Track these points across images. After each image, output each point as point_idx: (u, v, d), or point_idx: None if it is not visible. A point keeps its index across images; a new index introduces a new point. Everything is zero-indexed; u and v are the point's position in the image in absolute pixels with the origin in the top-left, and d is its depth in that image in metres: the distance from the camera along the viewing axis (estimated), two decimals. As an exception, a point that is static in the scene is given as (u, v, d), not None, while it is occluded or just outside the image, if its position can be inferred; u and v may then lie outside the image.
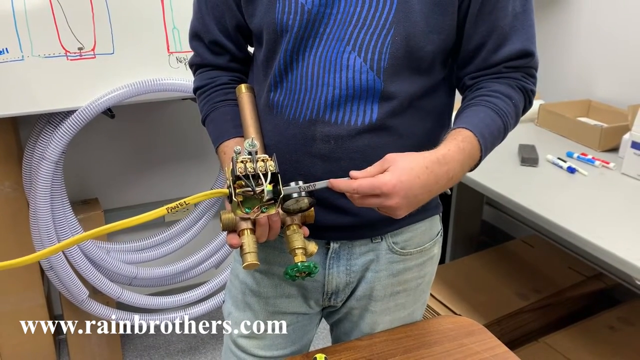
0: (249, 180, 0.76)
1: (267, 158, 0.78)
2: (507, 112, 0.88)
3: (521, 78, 0.91)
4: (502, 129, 0.88)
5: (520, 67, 0.90)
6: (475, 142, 0.83)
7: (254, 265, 0.79)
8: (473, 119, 0.86)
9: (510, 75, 0.90)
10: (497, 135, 0.87)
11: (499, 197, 1.56)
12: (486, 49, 0.88)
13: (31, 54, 1.49)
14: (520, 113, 0.92)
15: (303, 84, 0.87)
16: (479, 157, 0.84)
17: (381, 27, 0.83)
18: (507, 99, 0.88)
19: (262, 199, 0.77)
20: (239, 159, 0.77)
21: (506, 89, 0.89)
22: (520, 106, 0.91)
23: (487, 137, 0.85)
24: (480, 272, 2.03)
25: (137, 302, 1.89)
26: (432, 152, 0.80)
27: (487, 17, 0.86)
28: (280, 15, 0.86)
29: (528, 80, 0.92)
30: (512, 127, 0.91)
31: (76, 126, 1.58)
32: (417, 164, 0.77)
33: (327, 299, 1.00)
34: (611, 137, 1.80)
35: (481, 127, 0.84)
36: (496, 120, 0.87)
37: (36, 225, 1.66)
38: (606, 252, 1.28)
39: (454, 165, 0.80)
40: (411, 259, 1.00)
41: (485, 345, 1.02)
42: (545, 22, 2.24)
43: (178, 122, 2.09)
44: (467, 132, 0.83)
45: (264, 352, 1.03)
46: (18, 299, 1.83)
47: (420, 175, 0.76)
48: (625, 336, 1.75)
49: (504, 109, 0.87)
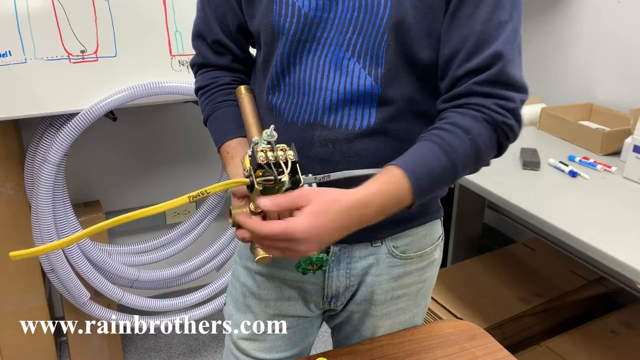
0: (271, 169, 0.76)
1: (285, 147, 0.78)
2: (457, 149, 0.79)
3: (492, 107, 0.80)
4: (448, 167, 0.79)
5: (492, 95, 0.80)
6: (404, 183, 0.76)
7: (266, 258, 0.78)
8: (411, 156, 0.79)
9: (479, 103, 0.80)
10: (440, 174, 0.78)
11: (500, 201, 1.56)
12: (459, 56, 0.81)
13: (34, 57, 1.49)
14: (486, 149, 0.81)
15: (301, 88, 0.87)
16: (410, 198, 0.77)
17: (376, 33, 0.83)
18: (462, 134, 0.79)
19: (281, 187, 0.77)
20: (259, 148, 0.77)
21: (466, 122, 0.80)
22: (483, 141, 0.80)
23: (422, 177, 0.77)
24: (482, 275, 2.03)
25: (139, 304, 1.89)
26: (350, 192, 0.74)
27: (465, 22, 0.81)
28: (277, 18, 0.86)
29: (500, 110, 0.80)
30: (471, 165, 0.82)
31: (78, 129, 1.58)
32: (333, 207, 0.72)
33: (327, 302, 1.00)
34: (613, 141, 1.80)
35: (415, 166, 0.77)
36: (440, 159, 0.78)
37: (38, 227, 1.66)
38: (608, 256, 1.28)
39: (370, 210, 0.74)
40: (411, 263, 0.99)
41: (487, 350, 1.02)
42: (547, 25, 2.24)
43: (180, 125, 2.10)
44: (397, 171, 0.76)
45: (264, 355, 1.03)
46: (19, 300, 1.83)
47: (334, 220, 0.72)
48: (627, 340, 1.75)
49: (454, 144, 0.78)
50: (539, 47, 2.29)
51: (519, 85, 0.82)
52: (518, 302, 1.88)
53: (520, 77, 0.82)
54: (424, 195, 0.79)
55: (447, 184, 0.82)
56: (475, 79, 0.80)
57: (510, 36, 0.81)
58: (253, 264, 1.01)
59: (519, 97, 0.82)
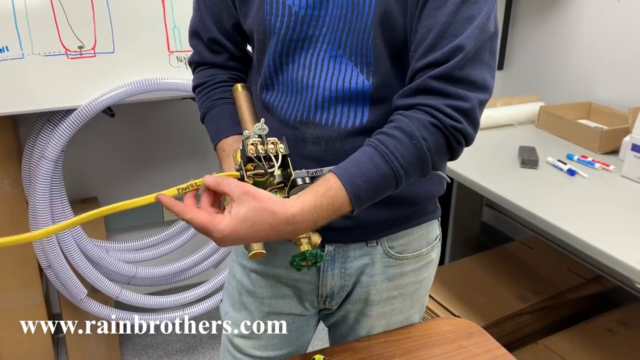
0: (261, 162, 0.75)
1: (276, 141, 0.78)
2: (398, 156, 0.76)
3: (444, 109, 0.76)
4: (390, 176, 0.76)
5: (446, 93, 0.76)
6: (342, 194, 0.75)
7: (260, 253, 0.78)
8: (351, 164, 0.77)
9: (430, 104, 0.77)
10: (379, 183, 0.76)
11: (498, 199, 1.56)
12: (422, 47, 0.78)
13: (31, 52, 1.49)
14: (432, 155, 0.78)
15: (294, 86, 0.87)
16: (349, 207, 0.76)
17: (363, 30, 0.82)
18: (406, 139, 0.76)
19: (272, 182, 0.77)
20: (249, 142, 0.76)
21: (412, 127, 0.76)
22: (429, 147, 0.77)
23: (361, 186, 0.75)
24: (480, 273, 2.03)
25: (136, 301, 1.89)
26: (288, 206, 0.72)
27: (432, 12, 0.78)
28: (268, 17, 0.86)
29: (451, 113, 0.76)
30: (417, 170, 0.79)
31: (76, 125, 1.58)
32: (263, 219, 0.71)
33: (322, 302, 1.00)
34: (611, 140, 1.80)
35: (353, 175, 0.75)
36: (379, 167, 0.76)
37: (35, 223, 1.66)
38: (606, 255, 1.28)
39: (303, 225, 0.73)
40: (408, 263, 0.99)
41: (484, 348, 1.02)
42: (547, 23, 2.24)
43: (178, 121, 2.09)
44: (335, 181, 0.75)
45: (259, 353, 1.02)
46: (16, 297, 1.83)
47: (260, 231, 0.72)
48: (624, 339, 1.75)
49: (395, 151, 0.76)
50: (538, 45, 2.29)
51: (478, 84, 0.78)
52: (516, 301, 1.88)
53: (481, 76, 0.78)
54: (364, 203, 0.77)
55: (390, 191, 0.79)
56: (431, 73, 0.77)
57: (476, 32, 0.76)
58: (248, 262, 1.01)
59: (475, 96, 0.77)
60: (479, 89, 0.78)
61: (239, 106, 0.94)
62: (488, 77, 0.79)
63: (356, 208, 0.77)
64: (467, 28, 0.76)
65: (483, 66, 0.78)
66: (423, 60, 0.78)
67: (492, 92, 0.80)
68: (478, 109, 0.78)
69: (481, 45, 0.78)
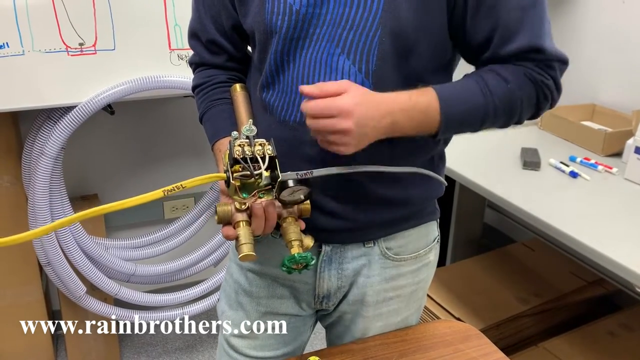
0: (247, 163, 0.75)
1: (264, 142, 0.77)
2: (494, 93, 0.83)
3: (533, 67, 0.84)
4: (481, 105, 0.83)
5: (533, 60, 0.84)
6: (435, 105, 0.81)
7: (250, 256, 0.78)
8: (447, 86, 0.84)
9: (522, 64, 0.84)
10: (471, 110, 0.83)
11: (500, 201, 1.55)
12: (493, 44, 0.83)
13: (32, 49, 1.48)
14: (522, 103, 0.85)
15: (293, 86, 0.86)
16: (437, 122, 0.81)
17: (369, 28, 0.82)
18: (501, 80, 0.83)
19: (260, 183, 0.76)
20: (237, 143, 0.76)
21: (507, 72, 0.84)
22: (520, 94, 0.84)
23: (454, 106, 0.82)
24: (481, 275, 2.02)
25: (135, 299, 1.89)
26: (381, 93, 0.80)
27: (489, 11, 0.82)
28: (269, 16, 0.85)
29: (541, 72, 0.84)
30: (504, 115, 0.86)
31: (76, 122, 1.58)
32: (373, 96, 0.78)
33: (319, 302, 0.99)
34: (615, 142, 1.79)
35: (449, 93, 0.82)
36: (475, 93, 0.83)
37: (34, 220, 1.66)
38: (607, 259, 1.27)
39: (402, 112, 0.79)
40: (405, 265, 0.98)
41: (482, 351, 1.01)
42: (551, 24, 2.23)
43: (178, 119, 2.09)
44: (432, 91, 0.81)
45: (256, 353, 1.02)
46: (16, 294, 1.83)
47: (378, 106, 0.78)
48: (625, 342, 1.74)
49: (492, 88, 0.83)
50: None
51: (557, 57, 0.86)
52: (516, 303, 1.87)
53: (555, 50, 0.85)
54: (451, 125, 0.83)
55: (475, 124, 0.85)
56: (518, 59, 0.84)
57: (537, 20, 0.83)
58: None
59: (558, 65, 0.86)
60: (559, 59, 0.86)
61: (237, 107, 0.94)
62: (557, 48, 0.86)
63: (443, 125, 0.82)
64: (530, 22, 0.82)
65: (550, 40, 0.85)
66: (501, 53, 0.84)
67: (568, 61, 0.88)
68: (560, 76, 0.88)
69: (546, 24, 0.85)
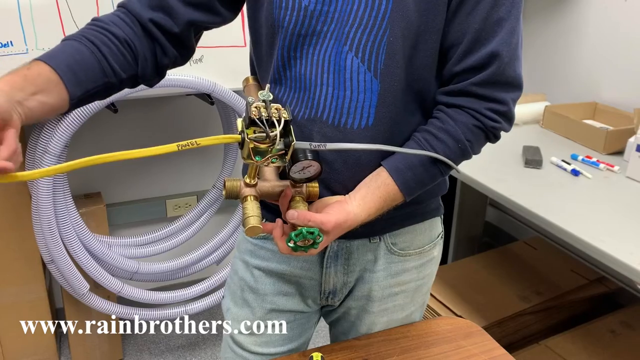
0: (263, 124, 0.75)
1: (280, 107, 0.77)
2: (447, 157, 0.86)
3: (486, 113, 0.85)
4: (437, 175, 0.88)
5: (487, 98, 0.84)
6: (399, 197, 0.86)
7: (256, 228, 0.77)
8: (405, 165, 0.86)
9: (473, 108, 0.85)
10: (427, 183, 0.89)
11: (502, 199, 1.55)
12: (458, 51, 0.84)
13: (35, 48, 1.49)
14: (473, 150, 0.89)
15: (301, 82, 0.87)
16: (401, 198, 0.87)
17: (377, 27, 0.82)
18: (454, 144, 0.86)
19: (274, 147, 0.76)
20: (253, 105, 0.76)
21: (458, 131, 0.85)
22: (472, 146, 0.88)
23: (412, 185, 0.86)
24: (482, 273, 2.02)
25: (138, 296, 1.89)
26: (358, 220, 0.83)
27: (464, 17, 0.82)
28: (277, 11, 0.85)
29: (493, 117, 0.85)
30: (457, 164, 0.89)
31: (79, 120, 1.58)
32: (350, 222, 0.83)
33: (325, 298, 1.00)
34: (616, 140, 1.79)
35: (408, 178, 0.86)
36: (429, 170, 0.87)
37: (38, 218, 1.66)
38: (609, 257, 1.27)
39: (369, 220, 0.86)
40: (410, 260, 0.99)
41: (483, 348, 1.02)
42: (553, 23, 2.23)
43: (181, 117, 2.09)
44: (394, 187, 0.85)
45: (261, 349, 1.02)
46: (19, 291, 1.83)
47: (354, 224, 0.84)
48: (626, 340, 1.74)
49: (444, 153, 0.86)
50: (544, 44, 2.28)
51: (515, 84, 0.86)
52: (518, 301, 1.87)
53: (516, 74, 0.85)
54: (413, 194, 0.88)
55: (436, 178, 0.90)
56: (473, 80, 0.84)
57: (507, 35, 0.83)
58: (251, 258, 1.00)
59: (511, 97, 0.86)
60: (514, 88, 0.86)
61: (249, 95, 0.94)
62: (520, 72, 0.86)
63: (407, 198, 0.88)
64: (498, 32, 0.82)
65: (517, 62, 0.85)
66: (461, 65, 0.84)
67: (522, 86, 0.88)
68: (513, 107, 0.88)
69: (514, 47, 0.84)
